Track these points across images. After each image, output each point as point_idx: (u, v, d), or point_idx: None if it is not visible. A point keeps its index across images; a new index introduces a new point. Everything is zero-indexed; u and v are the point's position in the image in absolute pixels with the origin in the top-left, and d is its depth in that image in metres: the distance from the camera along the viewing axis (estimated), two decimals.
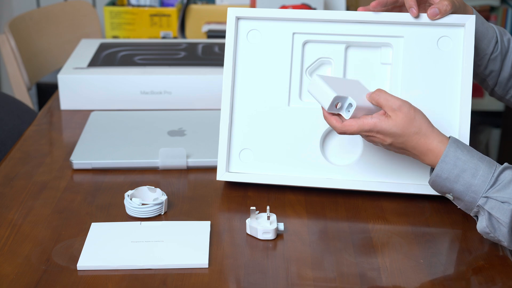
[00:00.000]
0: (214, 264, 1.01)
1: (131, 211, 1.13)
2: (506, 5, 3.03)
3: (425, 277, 0.99)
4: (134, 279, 0.98)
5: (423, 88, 1.18)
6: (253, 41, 1.21)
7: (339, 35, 1.20)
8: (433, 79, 1.17)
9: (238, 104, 1.21)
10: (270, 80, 1.21)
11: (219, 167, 1.20)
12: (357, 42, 1.20)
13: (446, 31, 1.17)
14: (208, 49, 1.74)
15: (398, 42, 1.19)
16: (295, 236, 1.08)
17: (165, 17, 2.14)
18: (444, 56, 1.17)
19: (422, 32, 1.18)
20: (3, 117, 1.66)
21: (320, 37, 1.20)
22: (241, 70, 1.21)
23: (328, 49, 1.20)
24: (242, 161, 1.21)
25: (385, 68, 1.20)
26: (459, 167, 1.03)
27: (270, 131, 1.20)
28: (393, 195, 1.20)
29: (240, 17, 1.20)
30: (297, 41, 1.20)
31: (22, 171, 1.28)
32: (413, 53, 1.18)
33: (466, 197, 1.03)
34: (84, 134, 1.39)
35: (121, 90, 1.56)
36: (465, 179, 1.03)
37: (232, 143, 1.21)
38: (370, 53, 1.21)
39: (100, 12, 2.80)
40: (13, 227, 1.10)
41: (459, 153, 1.03)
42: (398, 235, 1.09)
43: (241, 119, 1.21)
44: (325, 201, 1.18)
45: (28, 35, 2.07)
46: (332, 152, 1.21)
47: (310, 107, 1.19)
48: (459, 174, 1.03)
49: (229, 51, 1.20)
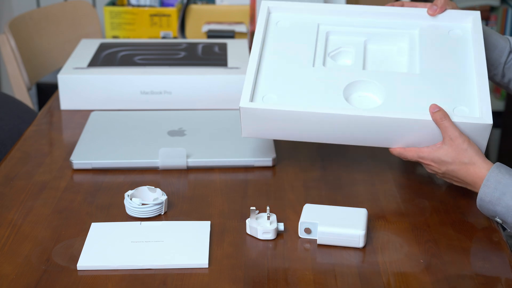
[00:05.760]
0: (214, 264, 1.01)
1: (131, 211, 1.13)
2: (506, 5, 3.03)
3: (425, 277, 0.99)
4: (134, 279, 0.98)
5: (440, 73, 1.21)
6: (281, 27, 1.29)
7: (359, 27, 1.30)
8: (449, 64, 1.22)
9: (264, 62, 1.23)
10: (296, 51, 1.26)
11: (244, 95, 1.17)
12: (375, 33, 1.29)
13: (455, 25, 1.28)
14: (208, 49, 1.74)
15: (413, 33, 1.28)
16: (295, 236, 1.08)
17: (165, 17, 2.14)
18: (457, 43, 1.26)
19: (434, 25, 1.28)
20: (3, 117, 1.66)
21: (341, 29, 1.30)
22: (270, 43, 1.27)
23: (349, 40, 1.29)
24: (264, 103, 1.18)
25: (402, 57, 1.26)
26: (500, 190, 1.06)
27: (295, 84, 1.20)
28: (393, 195, 1.20)
29: (271, 8, 1.32)
30: (321, 31, 1.30)
31: (22, 171, 1.28)
32: (428, 42, 1.26)
33: (508, 219, 1.06)
34: (84, 134, 1.39)
35: (121, 90, 1.56)
36: (505, 201, 1.06)
37: (257, 89, 1.20)
38: (387, 44, 1.29)
39: (100, 12, 2.80)
40: (13, 227, 1.10)
41: (500, 177, 1.07)
42: (398, 235, 1.09)
43: (267, 73, 1.22)
44: (325, 201, 1.18)
45: (28, 35, 2.07)
46: (355, 100, 1.20)
47: (334, 68, 1.23)
48: (500, 197, 1.06)
49: (258, 34, 1.26)
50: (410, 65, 1.23)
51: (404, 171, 1.31)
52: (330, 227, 1.05)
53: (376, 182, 1.25)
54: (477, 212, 1.15)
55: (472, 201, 1.18)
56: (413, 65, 1.23)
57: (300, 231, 1.07)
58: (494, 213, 1.08)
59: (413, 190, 1.23)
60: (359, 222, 1.06)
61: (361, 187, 1.23)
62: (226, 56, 1.69)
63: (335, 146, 1.39)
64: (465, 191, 1.21)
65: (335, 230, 1.05)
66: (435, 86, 1.18)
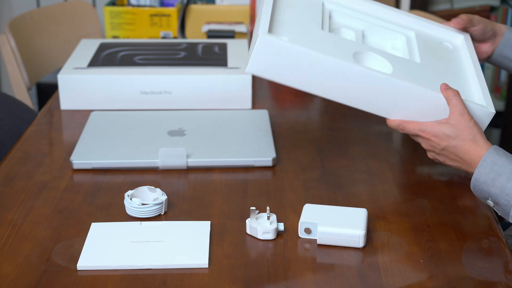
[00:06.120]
0: (214, 264, 1.01)
1: (131, 211, 1.13)
2: (506, 5, 3.03)
3: (425, 277, 0.99)
4: (134, 279, 0.98)
5: (440, 65, 1.24)
6: (288, 3, 1.28)
7: (360, 13, 1.32)
8: (447, 61, 1.25)
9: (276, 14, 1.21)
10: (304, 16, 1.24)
11: (262, 27, 1.13)
12: (375, 23, 1.31)
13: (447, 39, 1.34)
14: (208, 49, 1.74)
15: (409, 34, 1.32)
16: (295, 236, 1.08)
17: (165, 17, 2.14)
18: (450, 50, 1.31)
19: (428, 33, 1.34)
20: (3, 117, 1.66)
21: (343, 10, 1.32)
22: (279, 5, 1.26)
23: (349, 23, 1.31)
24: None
25: (400, 51, 1.28)
26: (496, 171, 1.06)
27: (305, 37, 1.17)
28: (393, 195, 1.20)
29: None
30: (326, 9, 1.32)
31: (22, 171, 1.28)
32: (425, 42, 1.30)
33: (501, 200, 1.05)
34: (84, 134, 1.39)
35: (121, 90, 1.56)
36: (500, 182, 1.05)
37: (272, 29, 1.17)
38: (384, 39, 1.30)
39: (100, 12, 2.80)
40: (13, 227, 1.10)
41: (497, 158, 1.07)
42: (398, 235, 1.09)
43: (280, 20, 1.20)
44: (325, 201, 1.18)
45: (28, 35, 2.07)
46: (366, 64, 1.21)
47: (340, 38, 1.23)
48: (495, 178, 1.06)
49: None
50: (411, 56, 1.25)
51: (404, 171, 1.31)
52: (330, 227, 1.05)
53: (376, 182, 1.25)
54: (477, 212, 1.15)
55: (472, 201, 1.18)
56: (413, 56, 1.25)
57: (300, 231, 1.07)
58: (488, 195, 1.08)
59: (413, 190, 1.23)
60: (359, 222, 1.06)
61: (361, 187, 1.23)
62: (226, 56, 1.68)
63: (335, 146, 1.39)
64: (465, 191, 1.21)
65: (335, 230, 1.05)
66: (438, 74, 1.20)
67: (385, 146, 1.40)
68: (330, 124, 1.51)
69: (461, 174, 1.28)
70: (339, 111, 1.56)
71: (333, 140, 1.43)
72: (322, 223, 1.06)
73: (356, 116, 1.52)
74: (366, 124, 1.49)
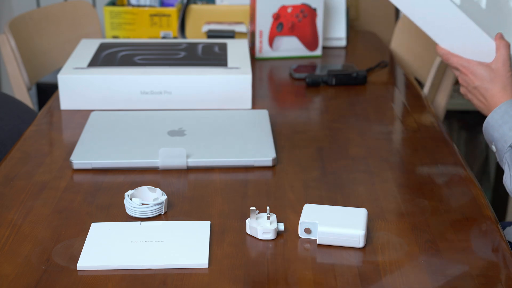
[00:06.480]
0: (214, 264, 1.01)
1: (131, 211, 1.13)
2: None
3: (425, 277, 0.99)
4: (134, 279, 0.98)
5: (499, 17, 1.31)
6: None
7: None
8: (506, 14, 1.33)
9: None
10: None
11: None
12: None
13: None
14: (208, 49, 1.74)
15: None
16: (295, 236, 1.08)
17: (165, 17, 2.14)
18: None
19: None
20: (3, 117, 1.66)
21: None
22: None
23: None
24: None
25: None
26: (504, 119, 1.15)
27: None
28: (393, 195, 1.20)
29: None
30: None
31: (22, 171, 1.29)
32: None
33: (499, 145, 1.14)
34: (84, 134, 1.39)
35: (121, 90, 1.56)
36: (503, 129, 1.14)
37: None
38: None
39: (100, 12, 2.80)
40: (13, 227, 1.10)
41: (510, 109, 1.16)
42: (398, 235, 1.09)
43: None
44: (325, 201, 1.18)
45: (28, 35, 2.07)
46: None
47: None
48: (501, 125, 1.14)
49: None
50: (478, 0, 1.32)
51: (404, 171, 1.31)
52: (330, 227, 1.05)
53: (376, 182, 1.25)
54: (477, 212, 1.15)
55: (473, 201, 1.18)
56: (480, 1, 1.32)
57: (300, 231, 1.07)
58: (492, 138, 1.17)
59: (413, 190, 1.23)
60: (359, 222, 1.06)
61: (361, 187, 1.23)
62: (226, 56, 1.69)
63: (335, 146, 1.39)
64: (465, 191, 1.21)
65: (335, 230, 1.05)
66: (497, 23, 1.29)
67: (385, 146, 1.41)
68: (330, 124, 1.51)
69: (461, 174, 1.28)
70: (339, 111, 1.56)
71: (333, 140, 1.43)
72: (322, 223, 1.06)
73: (356, 116, 1.52)
74: (366, 124, 1.49)
